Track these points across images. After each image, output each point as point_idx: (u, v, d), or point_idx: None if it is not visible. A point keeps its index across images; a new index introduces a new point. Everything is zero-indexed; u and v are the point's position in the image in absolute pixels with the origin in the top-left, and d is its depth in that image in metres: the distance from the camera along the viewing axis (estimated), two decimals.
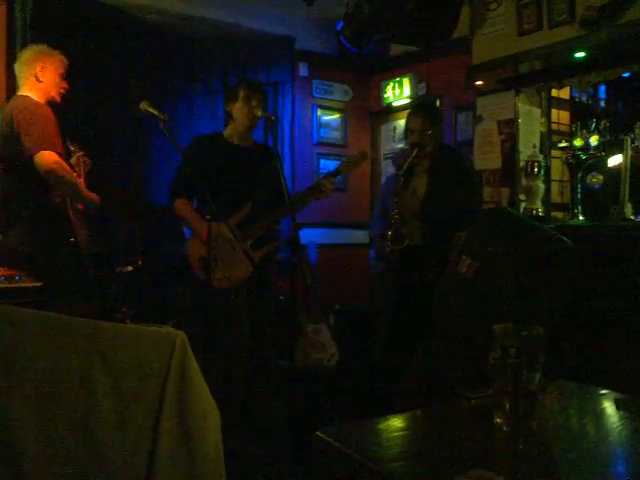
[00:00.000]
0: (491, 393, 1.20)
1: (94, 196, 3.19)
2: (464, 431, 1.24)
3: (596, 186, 3.80)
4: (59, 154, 2.97)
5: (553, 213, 3.97)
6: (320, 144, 5.44)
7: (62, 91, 3.18)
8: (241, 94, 3.23)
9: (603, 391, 1.49)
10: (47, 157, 2.92)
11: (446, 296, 2.23)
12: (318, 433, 1.14)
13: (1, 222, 3.07)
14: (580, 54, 3.42)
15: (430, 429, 1.30)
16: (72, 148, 3.32)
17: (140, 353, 1.34)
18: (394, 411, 1.38)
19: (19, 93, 3.13)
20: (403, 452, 1.13)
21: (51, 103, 3.13)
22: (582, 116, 4.07)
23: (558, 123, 4.16)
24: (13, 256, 2.99)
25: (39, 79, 3.10)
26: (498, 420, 1.16)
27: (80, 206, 3.18)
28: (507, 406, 1.15)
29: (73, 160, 3.30)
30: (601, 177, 3.76)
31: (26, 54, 3.16)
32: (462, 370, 1.85)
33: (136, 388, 1.31)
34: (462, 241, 2.24)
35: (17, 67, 3.16)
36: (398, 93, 5.33)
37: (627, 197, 3.36)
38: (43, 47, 3.17)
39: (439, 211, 3.27)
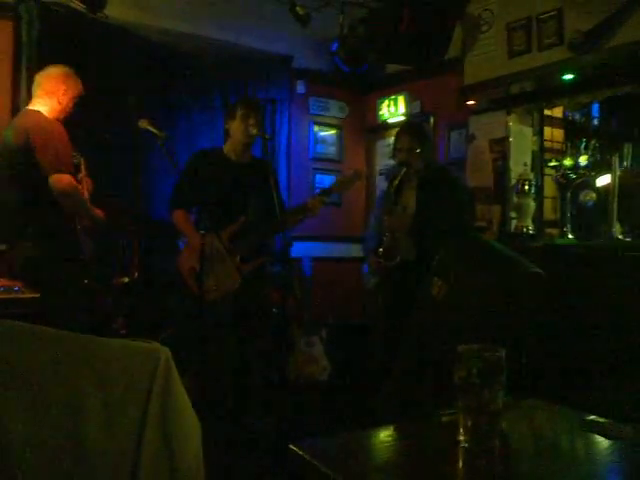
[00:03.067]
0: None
1: (100, 213, 3.24)
2: (432, 448, 1.30)
3: (589, 203, 3.85)
4: (71, 173, 3.02)
5: (548, 230, 4.02)
6: (316, 159, 5.52)
7: (68, 115, 3.22)
8: (238, 112, 3.31)
9: (571, 410, 1.54)
10: (62, 179, 2.96)
11: (419, 316, 2.30)
12: (292, 446, 1.20)
13: (10, 234, 3.10)
14: (569, 76, 3.51)
15: (401, 445, 1.36)
16: (75, 161, 3.35)
17: (126, 366, 1.41)
18: (377, 425, 1.44)
19: (31, 107, 3.15)
20: (373, 467, 1.19)
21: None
22: (575, 134, 4.14)
23: (552, 141, 4.22)
24: (19, 268, 3.02)
25: (59, 101, 3.14)
26: (461, 438, 1.22)
27: (86, 222, 3.22)
28: (470, 424, 1.21)
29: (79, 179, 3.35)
30: (594, 195, 3.81)
31: (54, 71, 3.17)
32: (431, 386, 1.91)
33: (122, 399, 1.37)
34: (436, 263, 2.30)
35: (40, 79, 3.17)
36: (393, 110, 5.42)
37: (616, 217, 3.43)
38: (70, 70, 3.21)
39: (430, 227, 3.31)
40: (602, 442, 1.36)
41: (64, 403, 1.37)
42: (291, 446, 1.20)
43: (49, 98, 3.14)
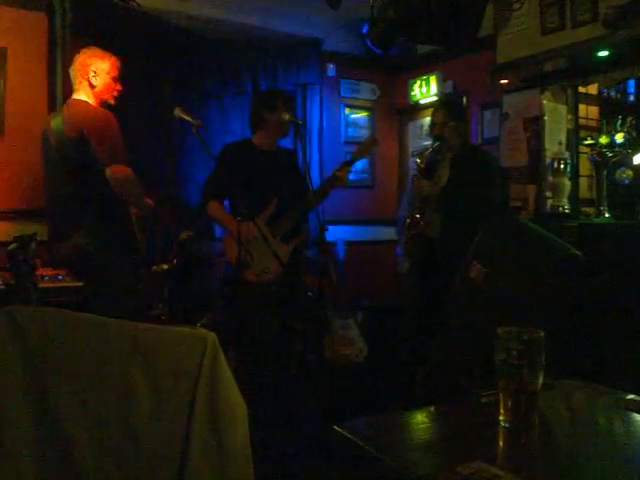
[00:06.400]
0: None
1: (151, 202, 3.24)
2: (472, 427, 1.33)
3: (626, 181, 3.79)
4: (126, 164, 3.00)
5: (583, 208, 3.97)
6: (348, 142, 5.51)
7: (115, 93, 3.17)
8: (280, 107, 3.35)
9: (609, 389, 1.56)
10: (122, 171, 2.94)
11: (457, 299, 2.32)
12: (336, 427, 1.25)
13: (64, 227, 3.07)
14: (603, 53, 3.44)
15: (442, 425, 1.39)
16: None
17: (174, 352, 1.47)
18: (412, 406, 1.48)
19: (75, 96, 3.12)
20: (412, 446, 1.23)
21: (105, 106, 3.14)
22: (611, 111, 4.06)
23: (587, 118, 4.15)
24: (66, 256, 3.01)
25: (92, 84, 3.10)
26: (501, 417, 1.26)
27: (135, 211, 3.24)
28: (510, 404, 1.24)
29: None
30: (631, 172, 3.75)
31: (79, 59, 3.13)
32: (470, 369, 1.94)
33: (171, 384, 1.44)
34: (474, 246, 2.32)
35: (71, 72, 3.15)
36: (425, 91, 5.38)
37: None
38: (94, 51, 3.16)
39: (458, 202, 3.34)
40: None
41: (114, 388, 1.44)
42: (335, 427, 1.25)
43: (83, 85, 3.10)
